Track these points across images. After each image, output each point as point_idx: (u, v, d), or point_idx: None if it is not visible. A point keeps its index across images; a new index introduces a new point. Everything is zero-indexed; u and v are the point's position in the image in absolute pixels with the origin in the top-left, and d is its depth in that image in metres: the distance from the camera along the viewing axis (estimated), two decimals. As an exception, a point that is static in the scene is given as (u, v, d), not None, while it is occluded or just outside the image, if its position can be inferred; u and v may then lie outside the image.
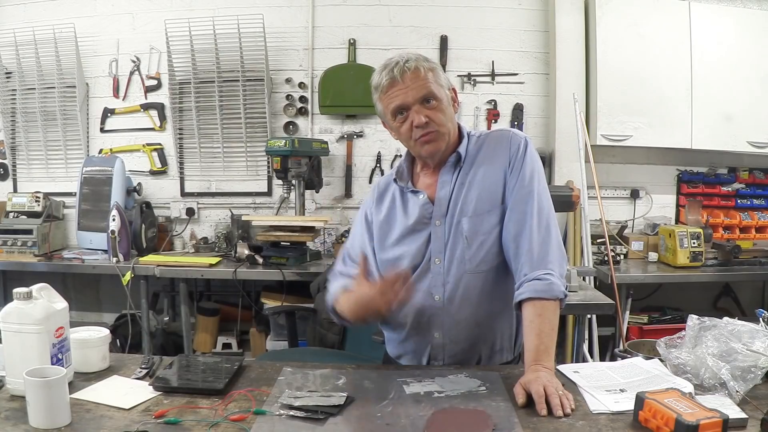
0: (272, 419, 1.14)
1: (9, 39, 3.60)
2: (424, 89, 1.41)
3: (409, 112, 1.42)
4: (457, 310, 1.46)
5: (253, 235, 3.34)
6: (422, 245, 1.48)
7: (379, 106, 1.48)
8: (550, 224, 1.44)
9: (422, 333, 1.50)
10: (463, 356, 1.49)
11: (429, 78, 1.41)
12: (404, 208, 1.53)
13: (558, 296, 1.37)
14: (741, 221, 3.63)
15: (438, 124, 1.43)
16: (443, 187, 1.49)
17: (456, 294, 1.45)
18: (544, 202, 1.45)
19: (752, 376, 1.22)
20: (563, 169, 3.55)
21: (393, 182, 1.58)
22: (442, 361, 1.50)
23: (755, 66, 3.42)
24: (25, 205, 3.51)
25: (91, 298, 3.84)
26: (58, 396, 1.10)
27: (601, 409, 1.17)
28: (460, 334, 1.47)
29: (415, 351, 1.53)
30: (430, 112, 1.42)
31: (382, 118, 1.51)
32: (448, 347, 1.49)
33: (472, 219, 1.44)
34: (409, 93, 1.40)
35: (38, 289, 1.24)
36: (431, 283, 1.47)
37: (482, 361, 1.51)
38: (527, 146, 1.47)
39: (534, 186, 1.44)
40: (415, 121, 1.41)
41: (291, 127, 3.72)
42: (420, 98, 1.41)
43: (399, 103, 1.41)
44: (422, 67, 1.41)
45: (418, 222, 1.49)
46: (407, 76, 1.40)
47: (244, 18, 3.49)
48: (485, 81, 3.68)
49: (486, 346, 1.50)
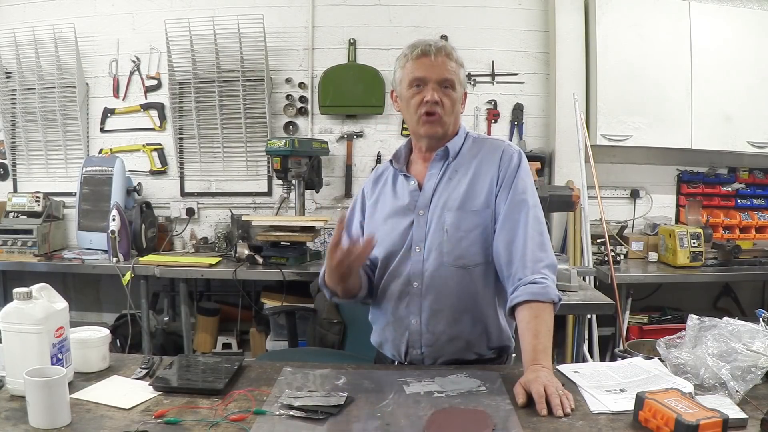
0: (272, 419, 1.14)
1: (9, 39, 3.60)
2: (448, 73, 1.48)
3: (426, 87, 1.47)
4: (434, 300, 1.49)
5: (253, 235, 3.34)
6: (404, 230, 1.53)
7: (399, 74, 1.53)
8: (543, 233, 1.48)
9: (401, 318, 1.53)
10: (440, 348, 1.51)
11: (455, 68, 1.50)
12: (394, 190, 1.60)
13: (553, 299, 1.40)
14: (741, 221, 3.63)
15: (445, 110, 1.49)
16: (430, 179, 1.55)
17: (433, 284, 1.49)
18: (538, 212, 1.50)
19: (752, 376, 1.22)
20: (563, 169, 3.55)
21: (389, 164, 1.65)
22: (419, 351, 1.51)
23: (755, 66, 3.42)
24: (25, 205, 3.51)
25: (91, 298, 3.84)
26: (58, 396, 1.10)
27: (601, 409, 1.17)
28: (438, 324, 1.50)
29: (395, 338, 1.56)
30: (443, 96, 1.48)
31: (395, 87, 1.57)
32: (425, 336, 1.51)
33: (455, 214, 1.49)
34: (435, 70, 1.47)
35: (38, 289, 1.24)
36: (411, 269, 1.51)
37: (461, 360, 1.51)
38: (521, 159, 1.53)
39: (527, 197, 1.49)
40: (427, 96, 1.47)
41: (291, 127, 3.73)
42: (441, 80, 1.47)
43: (422, 75, 1.47)
44: (454, 57, 1.51)
45: (405, 207, 1.55)
46: (440, 56, 1.48)
47: (244, 18, 3.49)
48: (485, 81, 3.68)
49: (464, 342, 1.51)
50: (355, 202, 1.71)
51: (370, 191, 1.66)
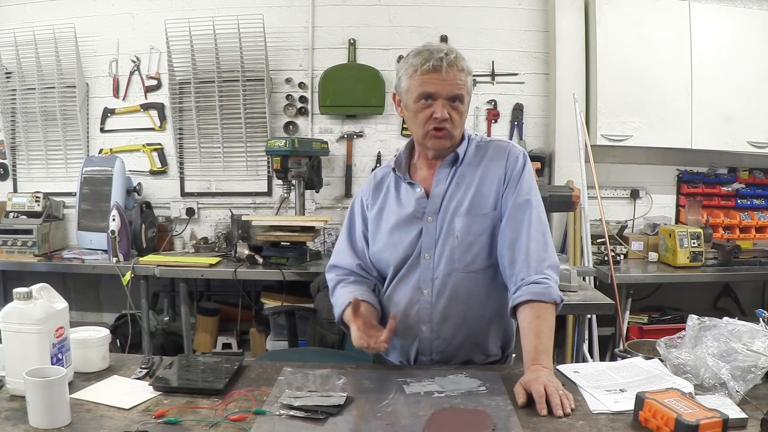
0: (272, 419, 1.14)
1: (9, 39, 3.60)
2: (459, 89, 1.44)
3: (435, 102, 1.44)
4: (445, 306, 1.48)
5: (253, 235, 3.34)
6: (413, 239, 1.50)
7: (406, 83, 1.47)
8: (546, 233, 1.47)
9: (410, 326, 1.51)
10: (451, 353, 1.50)
11: (465, 81, 1.45)
12: (398, 199, 1.56)
13: (555, 300, 1.39)
14: (741, 221, 3.63)
15: (454, 125, 1.46)
16: (438, 185, 1.52)
17: (444, 290, 1.47)
18: (541, 213, 1.49)
19: (752, 376, 1.22)
20: (563, 169, 3.55)
21: (391, 172, 1.60)
22: (429, 357, 1.51)
23: (755, 66, 3.42)
24: (25, 205, 3.51)
25: (91, 298, 3.84)
26: (58, 396, 1.10)
27: (601, 409, 1.17)
28: (448, 330, 1.49)
29: (403, 345, 1.54)
30: (453, 111, 1.45)
31: (401, 95, 1.51)
32: (436, 343, 1.50)
33: (465, 219, 1.47)
34: (446, 86, 1.43)
35: (38, 289, 1.24)
36: (420, 277, 1.49)
37: (470, 362, 1.51)
38: (525, 160, 1.52)
39: (531, 198, 1.48)
40: (438, 114, 1.43)
41: (291, 127, 3.72)
42: (452, 95, 1.44)
43: (432, 91, 1.43)
44: (464, 68, 1.45)
45: (412, 215, 1.51)
46: (452, 71, 1.42)
47: (244, 18, 3.48)
48: (485, 81, 3.68)
49: (473, 345, 1.51)
50: (354, 210, 1.66)
51: (371, 201, 1.61)
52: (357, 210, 1.65)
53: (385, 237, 1.54)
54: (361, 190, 1.68)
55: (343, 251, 1.63)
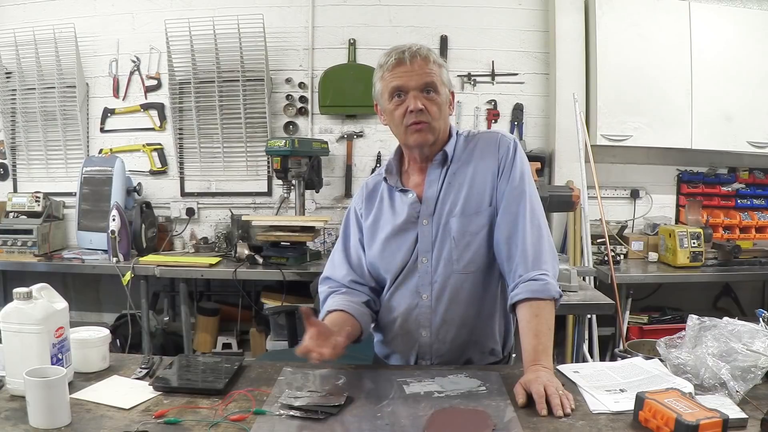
0: (272, 419, 1.14)
1: (9, 39, 3.60)
2: (428, 77, 1.40)
3: (407, 96, 1.41)
4: (445, 310, 1.46)
5: (253, 235, 3.34)
6: (410, 245, 1.48)
7: (378, 86, 1.46)
8: (541, 225, 1.44)
9: (410, 332, 1.49)
10: (451, 356, 1.49)
11: (434, 70, 1.42)
12: (392, 208, 1.53)
13: (554, 296, 1.38)
14: (741, 221, 3.63)
15: (432, 116, 1.42)
16: (431, 186, 1.48)
17: (444, 293, 1.45)
18: (535, 203, 1.46)
19: (752, 376, 1.22)
20: (563, 169, 3.55)
21: (382, 181, 1.57)
22: (429, 361, 1.50)
23: (755, 66, 3.42)
24: (25, 205, 3.51)
25: (91, 298, 3.84)
26: (58, 396, 1.10)
27: (601, 409, 1.17)
28: (448, 333, 1.47)
29: (403, 350, 1.53)
30: (427, 102, 1.41)
31: (378, 100, 1.50)
32: (436, 347, 1.49)
33: (460, 219, 1.44)
34: (413, 77, 1.40)
35: (38, 289, 1.24)
36: (419, 282, 1.47)
37: (470, 362, 1.50)
38: (516, 148, 1.48)
39: (525, 187, 1.44)
40: (411, 106, 1.40)
41: (291, 127, 3.72)
42: (421, 85, 1.40)
43: (400, 84, 1.40)
44: (431, 58, 1.42)
45: (406, 221, 1.48)
46: (416, 61, 1.40)
47: (244, 18, 3.49)
48: (485, 81, 3.68)
49: (474, 346, 1.50)
50: (348, 221, 1.62)
51: (365, 210, 1.58)
52: (352, 220, 1.62)
53: (382, 247, 1.51)
54: (353, 201, 1.65)
55: (339, 264, 1.59)
